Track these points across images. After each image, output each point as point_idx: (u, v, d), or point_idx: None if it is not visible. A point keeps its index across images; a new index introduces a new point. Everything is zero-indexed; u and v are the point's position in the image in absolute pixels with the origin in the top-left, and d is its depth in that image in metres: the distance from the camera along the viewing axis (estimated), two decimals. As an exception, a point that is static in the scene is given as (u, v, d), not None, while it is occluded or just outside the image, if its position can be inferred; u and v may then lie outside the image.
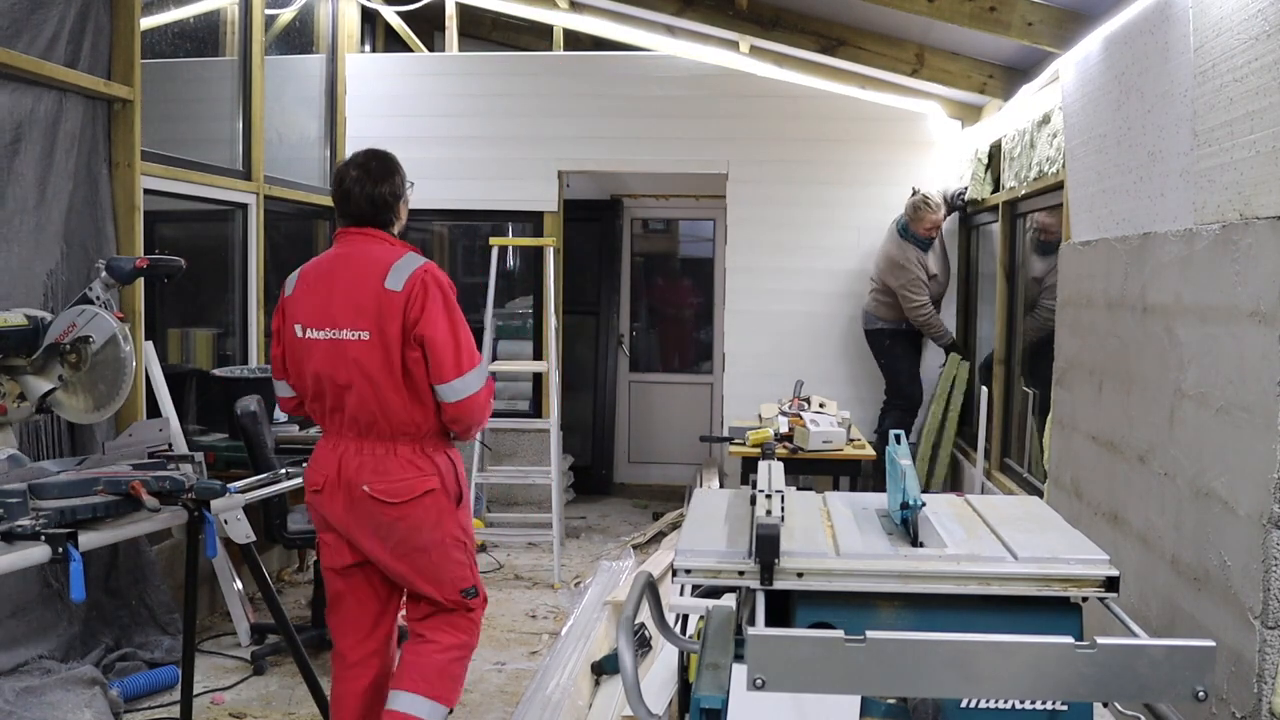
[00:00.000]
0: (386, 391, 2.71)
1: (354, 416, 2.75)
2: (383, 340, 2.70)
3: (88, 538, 2.51)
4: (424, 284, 2.71)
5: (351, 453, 2.76)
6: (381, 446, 2.75)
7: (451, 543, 2.81)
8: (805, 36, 5.12)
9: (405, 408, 2.73)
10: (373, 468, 2.73)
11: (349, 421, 2.76)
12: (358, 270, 2.76)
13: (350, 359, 2.71)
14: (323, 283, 2.80)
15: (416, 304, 2.69)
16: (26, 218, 3.72)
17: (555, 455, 5.66)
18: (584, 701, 3.62)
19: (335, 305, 2.74)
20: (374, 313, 2.70)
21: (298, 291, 2.83)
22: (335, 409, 2.78)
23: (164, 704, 3.75)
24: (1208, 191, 2.41)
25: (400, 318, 2.68)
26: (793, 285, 6.32)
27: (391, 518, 2.73)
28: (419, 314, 2.68)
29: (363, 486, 2.72)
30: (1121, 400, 2.94)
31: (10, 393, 3.13)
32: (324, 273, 2.82)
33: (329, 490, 2.77)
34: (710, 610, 1.87)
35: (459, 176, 6.50)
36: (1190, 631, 2.39)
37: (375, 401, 2.72)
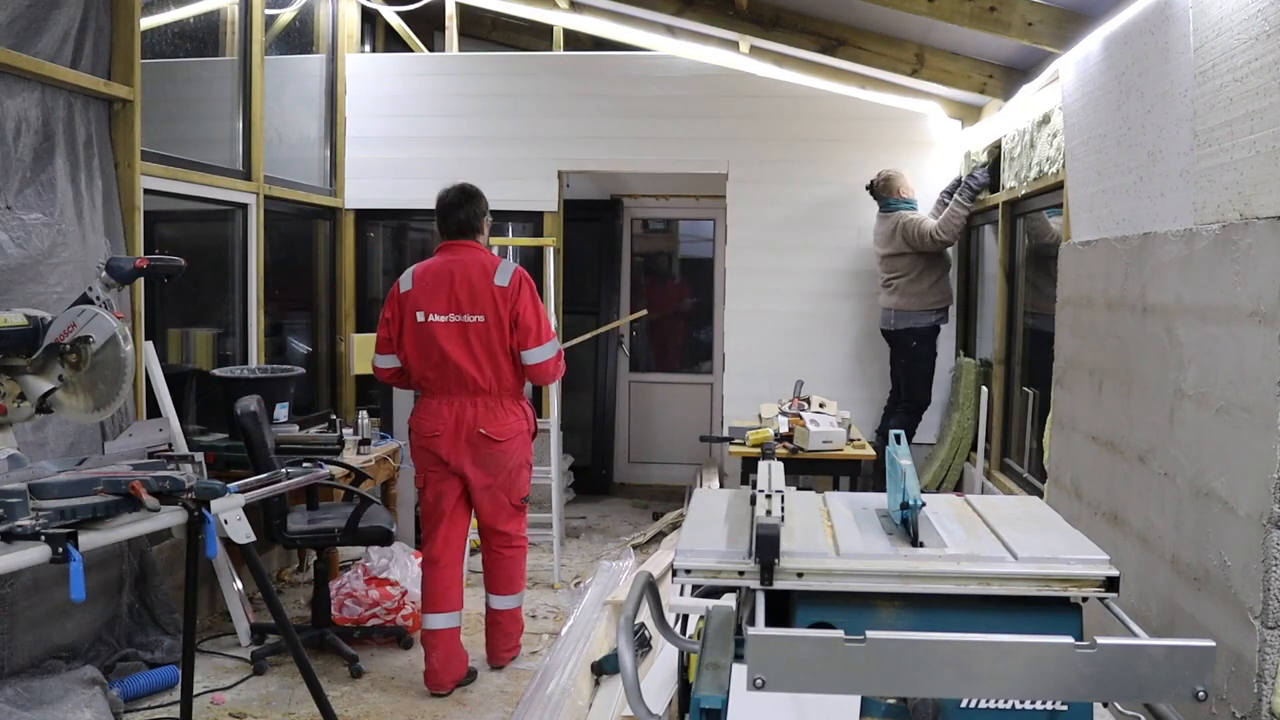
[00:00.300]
0: (499, 360, 3.83)
1: (472, 379, 3.81)
2: (496, 321, 3.80)
3: (88, 538, 2.51)
4: (522, 280, 3.85)
5: (468, 406, 3.84)
6: (491, 400, 3.85)
7: (524, 464, 4.00)
8: (805, 36, 5.12)
9: (509, 372, 3.86)
10: (485, 416, 3.84)
11: (467, 383, 3.82)
12: (471, 270, 3.83)
13: (470, 336, 3.79)
14: (441, 280, 3.83)
15: (514, 295, 3.80)
16: (70, 216, 3.79)
17: (555, 455, 5.66)
18: (584, 701, 3.62)
19: (456, 296, 3.79)
20: (488, 302, 3.79)
21: (416, 288, 3.85)
22: (456, 374, 3.81)
23: (164, 704, 3.75)
24: (1208, 191, 2.41)
25: (508, 305, 3.79)
26: (793, 285, 6.32)
27: (494, 450, 3.87)
28: (516, 302, 3.79)
29: (479, 429, 3.83)
30: (1121, 400, 2.94)
31: (10, 393, 3.13)
32: (440, 272, 3.85)
33: (447, 434, 3.84)
34: (710, 610, 1.87)
35: (459, 176, 6.43)
36: (1190, 631, 2.39)
37: (490, 367, 3.82)
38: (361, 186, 6.62)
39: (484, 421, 3.83)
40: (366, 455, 5.09)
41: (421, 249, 7.38)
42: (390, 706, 3.84)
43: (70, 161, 3.91)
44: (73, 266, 3.83)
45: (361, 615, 4.47)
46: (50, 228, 3.76)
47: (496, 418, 3.85)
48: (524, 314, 3.81)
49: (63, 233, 3.82)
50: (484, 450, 3.85)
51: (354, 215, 6.70)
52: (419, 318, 3.81)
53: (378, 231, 6.97)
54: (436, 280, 3.83)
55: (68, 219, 3.86)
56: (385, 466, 5.25)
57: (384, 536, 4.31)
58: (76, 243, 3.89)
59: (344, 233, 6.66)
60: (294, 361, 6.04)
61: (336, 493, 4.70)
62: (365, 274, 6.88)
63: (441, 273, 3.84)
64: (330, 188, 6.57)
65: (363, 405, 6.39)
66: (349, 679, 4.07)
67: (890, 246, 5.69)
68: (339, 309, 6.67)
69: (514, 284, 3.81)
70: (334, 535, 4.23)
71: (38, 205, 3.73)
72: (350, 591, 4.54)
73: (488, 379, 3.82)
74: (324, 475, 3.68)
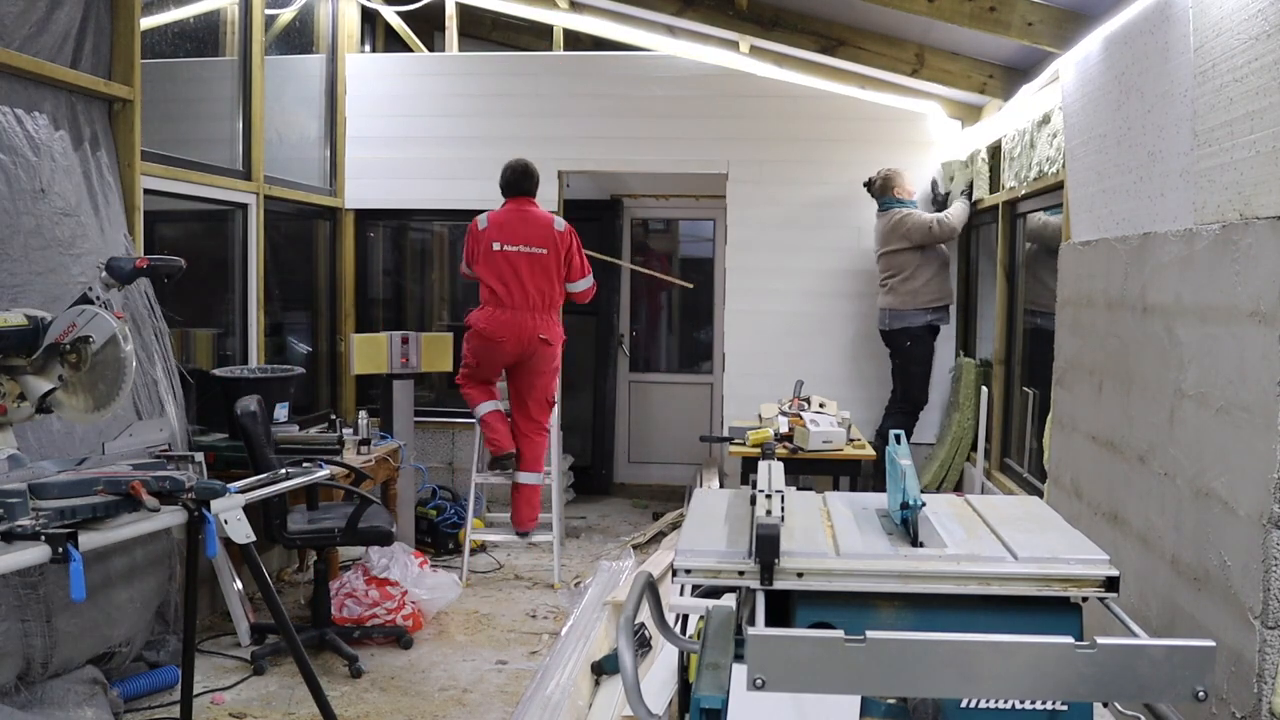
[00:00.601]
0: (553, 283, 5.18)
1: (533, 298, 5.12)
2: (555, 256, 5.16)
3: (88, 538, 2.51)
4: (572, 232, 5.27)
5: (528, 318, 5.12)
6: (547, 315, 5.19)
7: (558, 369, 5.41)
8: (805, 36, 5.12)
9: (558, 293, 5.23)
10: (543, 325, 5.15)
11: (530, 300, 5.11)
12: (536, 218, 5.22)
13: (535, 264, 5.13)
14: (511, 221, 5.17)
15: (569, 240, 5.21)
16: (88, 209, 3.79)
17: (555, 455, 5.66)
18: (584, 701, 3.62)
19: (527, 235, 5.13)
20: (549, 241, 5.15)
21: (490, 227, 5.16)
22: (521, 291, 5.11)
23: (164, 704, 3.75)
24: (1208, 191, 2.41)
25: (563, 247, 5.18)
26: (793, 285, 6.32)
27: (545, 351, 5.18)
28: (570, 247, 5.20)
29: (539, 335, 5.14)
30: (1121, 400, 2.94)
31: (10, 393, 3.12)
32: (511, 217, 5.19)
33: (511, 341, 5.11)
34: (710, 610, 1.87)
35: (459, 176, 6.51)
36: (1190, 631, 2.39)
37: (548, 289, 5.16)
38: (361, 186, 6.62)
39: (542, 329, 5.15)
40: (366, 455, 5.09)
41: (422, 249, 7.39)
42: (390, 706, 3.84)
43: (80, 158, 3.92)
44: (93, 258, 3.84)
45: (361, 615, 4.47)
46: (70, 218, 3.77)
47: (550, 326, 5.19)
48: (574, 257, 5.24)
49: (81, 224, 3.83)
50: (539, 351, 5.16)
51: (354, 215, 6.70)
52: (495, 247, 5.10)
53: (378, 231, 6.97)
54: (508, 222, 5.17)
55: (85, 212, 3.87)
56: (385, 466, 5.25)
57: (384, 536, 4.31)
58: (96, 235, 3.90)
59: (344, 233, 6.66)
60: (294, 361, 6.04)
61: (336, 493, 4.70)
62: (365, 274, 6.88)
63: (512, 218, 5.18)
64: (330, 188, 6.57)
65: (363, 405, 6.40)
66: (349, 679, 4.07)
67: (888, 244, 5.70)
68: (339, 309, 6.67)
69: (567, 233, 5.23)
70: (334, 535, 4.23)
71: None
72: (350, 591, 4.54)
73: (546, 297, 5.15)
74: (324, 475, 3.68)
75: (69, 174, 3.83)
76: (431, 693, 3.97)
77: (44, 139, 3.71)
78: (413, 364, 5.85)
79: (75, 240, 3.79)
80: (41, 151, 3.68)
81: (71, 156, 3.88)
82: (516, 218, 5.17)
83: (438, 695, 3.95)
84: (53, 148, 3.75)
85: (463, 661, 4.29)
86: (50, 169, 3.72)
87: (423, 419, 6.39)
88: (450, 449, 6.68)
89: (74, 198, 3.83)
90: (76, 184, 3.87)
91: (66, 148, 3.85)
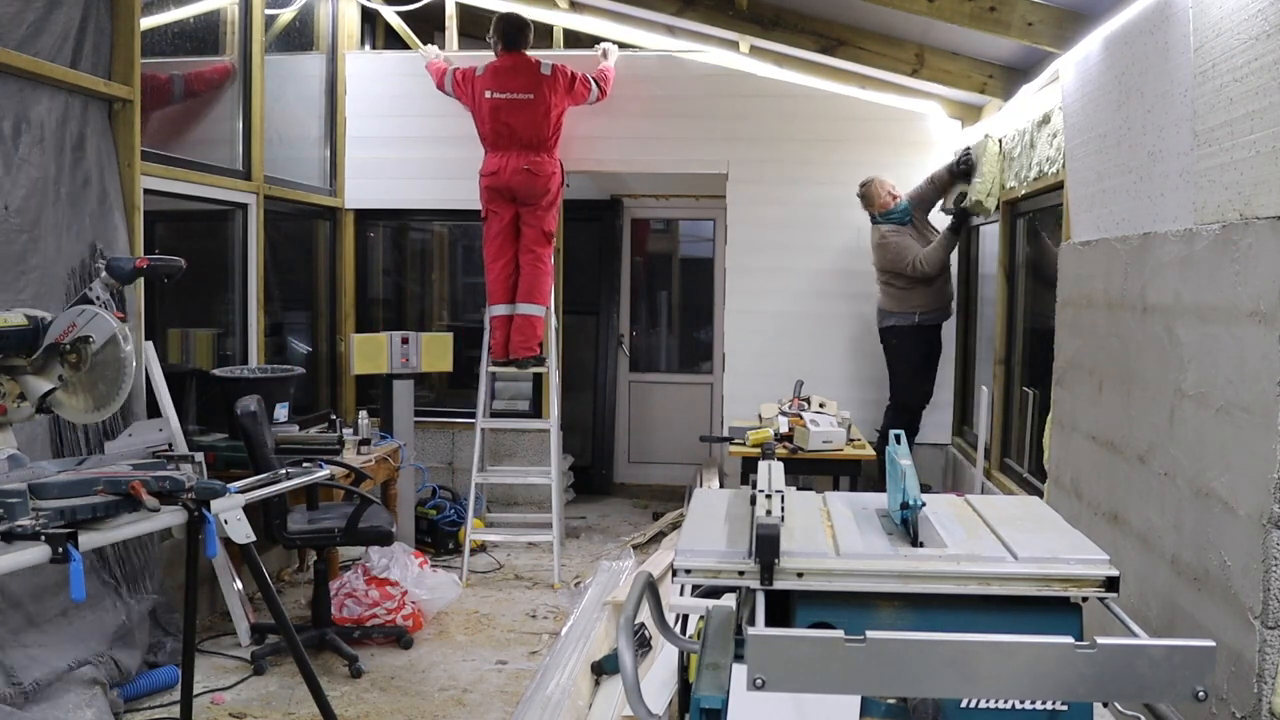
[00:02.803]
0: (541, 125, 5.63)
1: (521, 138, 5.62)
2: (542, 98, 5.62)
3: (88, 538, 2.51)
4: (562, 68, 5.73)
5: (515, 156, 5.61)
6: (534, 153, 5.64)
7: (554, 203, 5.78)
8: (805, 36, 5.12)
9: (546, 133, 5.66)
10: (527, 159, 5.61)
11: (518, 139, 5.61)
12: (525, 65, 5.69)
13: (522, 108, 5.62)
14: (503, 70, 5.68)
15: (561, 74, 5.72)
16: (45, 218, 3.75)
17: (555, 455, 5.66)
18: (584, 701, 3.62)
19: (514, 82, 5.64)
20: (535, 86, 5.63)
21: (485, 75, 5.69)
22: (508, 135, 5.62)
23: (164, 704, 3.75)
24: (1208, 191, 2.41)
25: (550, 85, 5.65)
26: (793, 285, 6.32)
27: (533, 183, 5.62)
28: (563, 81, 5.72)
29: (523, 167, 5.59)
30: (1121, 400, 2.94)
31: (10, 393, 3.12)
32: (504, 66, 5.70)
33: (502, 174, 5.62)
34: (710, 610, 1.87)
35: (459, 176, 6.50)
36: (1190, 631, 2.39)
37: (533, 129, 5.62)
38: (361, 186, 6.62)
39: (525, 162, 5.59)
40: (366, 455, 5.09)
41: (422, 249, 7.38)
42: (390, 706, 3.84)
43: (59, 163, 3.88)
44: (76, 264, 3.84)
45: (361, 615, 4.47)
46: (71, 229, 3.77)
47: (534, 161, 5.62)
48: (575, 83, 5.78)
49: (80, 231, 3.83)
50: (529, 184, 5.60)
51: (354, 215, 6.69)
52: (486, 95, 5.62)
53: (378, 231, 6.97)
54: (501, 70, 5.68)
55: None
56: (385, 466, 5.25)
57: (384, 536, 4.31)
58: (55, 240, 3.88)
59: (344, 233, 6.66)
60: (294, 361, 6.04)
61: (336, 493, 4.70)
62: (365, 274, 6.87)
63: (504, 67, 5.69)
64: (330, 188, 6.57)
65: (363, 405, 6.39)
66: (349, 679, 4.07)
67: (876, 258, 5.74)
68: (339, 309, 6.67)
69: (555, 71, 5.69)
70: (334, 535, 4.23)
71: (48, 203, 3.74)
72: (350, 591, 4.54)
73: (533, 136, 5.60)
74: (324, 475, 3.68)
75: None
76: (431, 693, 3.97)
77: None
78: (413, 364, 5.85)
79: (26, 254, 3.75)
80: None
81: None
82: (509, 66, 5.68)
83: (438, 695, 3.95)
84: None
85: (463, 661, 4.29)
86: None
87: (423, 419, 6.39)
88: (450, 449, 6.68)
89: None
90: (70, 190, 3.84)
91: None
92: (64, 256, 3.86)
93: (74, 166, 3.94)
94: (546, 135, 5.66)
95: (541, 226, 5.72)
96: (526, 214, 5.70)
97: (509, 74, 5.64)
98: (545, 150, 5.67)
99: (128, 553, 4.01)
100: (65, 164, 3.89)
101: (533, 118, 5.60)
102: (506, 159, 5.61)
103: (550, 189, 5.69)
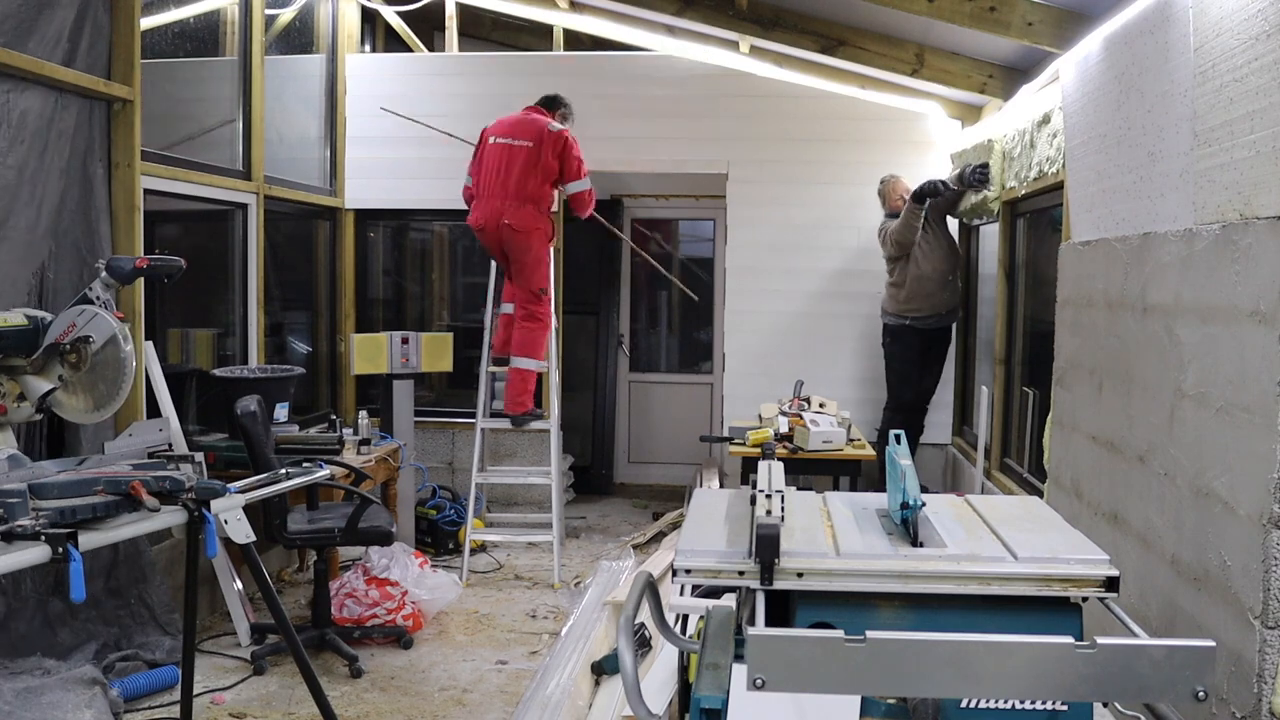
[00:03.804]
0: (532, 175, 5.29)
1: (508, 187, 5.30)
2: (538, 150, 5.30)
3: (88, 538, 2.51)
4: (566, 135, 5.37)
5: (497, 204, 5.31)
6: (519, 203, 5.31)
7: (542, 260, 5.43)
8: (805, 36, 5.12)
9: (535, 185, 5.32)
10: (510, 211, 5.30)
11: (505, 188, 5.30)
12: (534, 119, 5.41)
13: (516, 154, 5.32)
14: (511, 120, 5.45)
15: (563, 143, 5.34)
16: (16, 217, 3.71)
17: (555, 455, 5.66)
18: (584, 701, 3.62)
19: (518, 130, 5.38)
20: (536, 136, 5.33)
21: (494, 124, 5.47)
22: (495, 181, 5.33)
23: (164, 704, 3.75)
24: (1208, 191, 2.41)
25: (548, 142, 5.31)
26: (793, 285, 6.32)
27: (516, 239, 5.34)
28: (560, 145, 5.32)
29: (504, 220, 5.30)
30: (1121, 400, 2.94)
31: (10, 393, 3.13)
32: (515, 118, 5.45)
33: (484, 225, 5.37)
34: (710, 610, 1.87)
35: (459, 176, 6.49)
36: (1190, 631, 2.39)
37: (523, 179, 5.29)
38: (361, 186, 6.62)
39: (508, 215, 5.30)
40: (366, 455, 5.09)
41: (422, 249, 7.38)
42: (390, 706, 3.84)
43: (33, 162, 3.82)
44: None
45: (361, 615, 4.47)
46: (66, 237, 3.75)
47: (517, 213, 5.30)
48: (569, 159, 5.36)
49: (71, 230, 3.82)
50: (511, 239, 5.34)
51: (354, 215, 6.70)
52: (490, 140, 5.43)
53: (378, 231, 6.97)
54: (508, 121, 5.47)
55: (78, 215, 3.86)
56: (385, 466, 5.25)
57: (384, 536, 4.31)
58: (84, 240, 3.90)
59: (344, 233, 6.66)
60: (294, 361, 6.04)
61: (336, 493, 4.70)
62: (365, 274, 6.87)
63: (515, 118, 5.48)
64: (330, 188, 6.57)
65: (363, 405, 6.39)
66: (349, 679, 4.07)
67: (884, 249, 5.78)
68: (339, 309, 6.67)
69: (560, 134, 5.35)
70: (334, 535, 4.23)
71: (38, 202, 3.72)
72: (350, 591, 4.54)
73: (521, 187, 5.30)
74: (324, 475, 3.68)
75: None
76: (431, 693, 3.97)
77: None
78: (413, 364, 5.85)
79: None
80: None
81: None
82: (521, 119, 5.46)
83: (438, 695, 3.95)
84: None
85: (463, 661, 4.29)
86: None
87: (423, 419, 6.39)
88: (450, 449, 6.68)
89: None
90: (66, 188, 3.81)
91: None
92: (32, 256, 3.82)
93: (54, 165, 3.89)
94: (533, 187, 5.31)
95: (529, 286, 5.42)
96: (513, 269, 5.47)
97: (519, 124, 5.41)
98: (531, 203, 5.32)
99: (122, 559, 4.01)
100: (46, 162, 3.85)
101: (524, 165, 5.29)
102: (489, 207, 5.33)
103: (531, 246, 5.35)
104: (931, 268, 5.58)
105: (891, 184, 5.79)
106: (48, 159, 3.85)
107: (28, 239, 3.76)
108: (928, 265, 5.57)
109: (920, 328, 5.67)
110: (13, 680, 3.40)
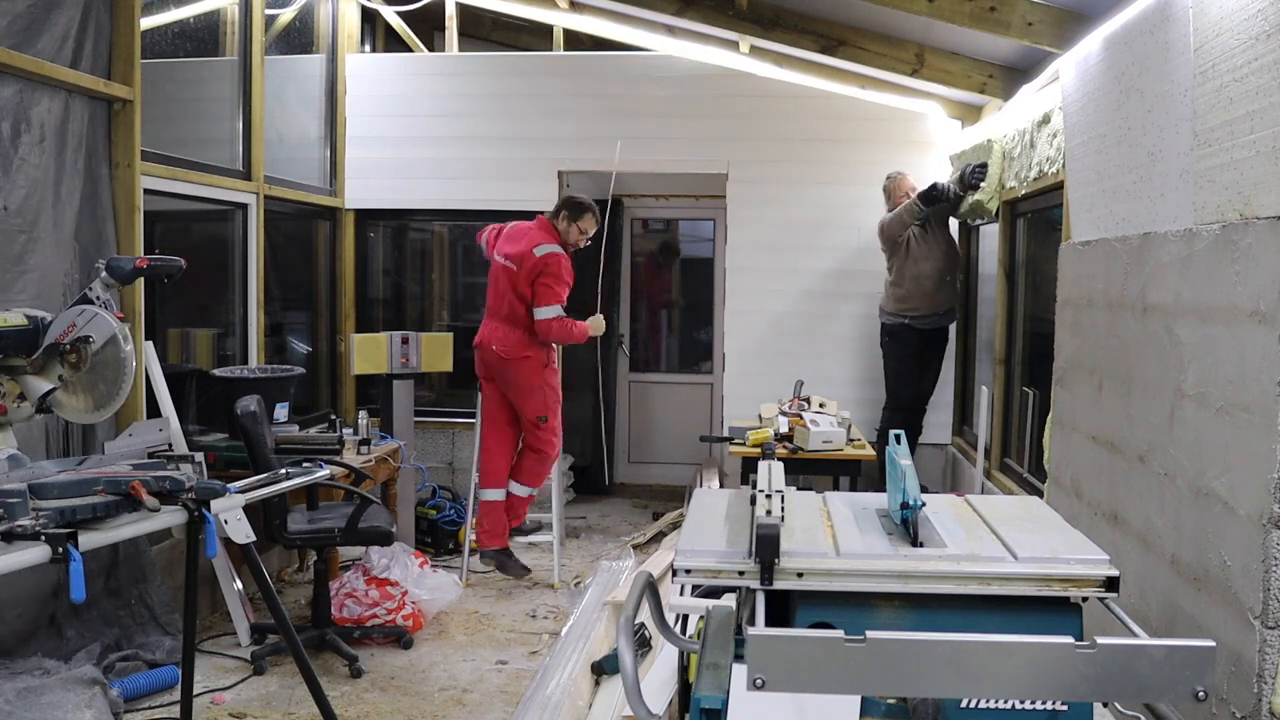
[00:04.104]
0: (514, 299, 5.08)
1: (501, 309, 5.13)
2: (522, 273, 5.05)
3: (88, 538, 2.51)
4: (548, 260, 5.04)
5: (492, 327, 5.17)
6: (509, 328, 5.11)
7: (536, 387, 5.15)
8: (805, 36, 5.12)
9: (523, 311, 5.07)
10: (499, 336, 5.12)
11: (498, 310, 5.13)
12: (527, 235, 5.16)
13: (506, 276, 5.11)
14: (511, 234, 5.24)
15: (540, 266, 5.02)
16: (46, 218, 3.75)
17: (555, 455, 5.65)
18: (584, 701, 3.62)
19: (511, 247, 5.15)
20: (522, 259, 5.05)
21: (500, 235, 5.28)
22: (494, 301, 5.20)
23: (164, 704, 3.75)
24: (1208, 191, 2.41)
25: (526, 266, 5.04)
26: (793, 285, 6.32)
27: (504, 366, 5.12)
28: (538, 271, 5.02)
29: (491, 345, 5.12)
30: (1121, 400, 2.94)
31: (10, 393, 3.12)
32: (514, 230, 5.25)
33: (481, 346, 5.17)
34: (710, 610, 1.87)
35: (459, 176, 6.51)
36: (1190, 631, 2.39)
37: (512, 303, 5.08)
38: (361, 186, 6.62)
39: (495, 340, 5.12)
40: (366, 455, 5.09)
41: (422, 249, 7.38)
42: (390, 706, 3.84)
43: (57, 163, 3.88)
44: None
45: (361, 615, 4.47)
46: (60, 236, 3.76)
47: (505, 340, 5.10)
48: (541, 285, 5.04)
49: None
50: (500, 365, 5.14)
51: (354, 215, 6.70)
52: (495, 257, 5.25)
53: (378, 231, 6.97)
54: (508, 234, 5.28)
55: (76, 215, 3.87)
56: (385, 466, 5.25)
57: (384, 536, 4.31)
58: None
59: (344, 233, 6.66)
60: (294, 361, 6.04)
61: (336, 493, 4.70)
62: (365, 274, 6.87)
63: (514, 231, 5.27)
64: (330, 188, 6.57)
65: (363, 405, 6.39)
66: (349, 679, 4.07)
67: (883, 247, 5.78)
68: (339, 309, 6.67)
69: (541, 259, 5.04)
70: (334, 535, 4.23)
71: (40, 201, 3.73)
72: (350, 591, 4.53)
73: (510, 310, 5.11)
74: (324, 475, 3.68)
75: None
76: (431, 693, 3.97)
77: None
78: (413, 364, 5.85)
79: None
80: None
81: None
82: (518, 232, 5.24)
83: (438, 695, 3.95)
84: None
85: (463, 661, 4.29)
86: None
87: (423, 419, 6.39)
88: (450, 449, 6.68)
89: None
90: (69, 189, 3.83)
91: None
92: (62, 257, 3.86)
93: (73, 166, 3.93)
94: (522, 312, 5.07)
95: (528, 414, 5.19)
96: (510, 396, 5.21)
97: (514, 238, 5.19)
98: (522, 327, 5.08)
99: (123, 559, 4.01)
100: (65, 164, 3.89)
101: (511, 289, 5.08)
102: (486, 328, 5.19)
103: (522, 373, 5.11)
104: (930, 267, 5.58)
105: (898, 180, 5.79)
106: (66, 160, 3.88)
107: (55, 239, 3.80)
108: (926, 264, 5.58)
109: (918, 327, 5.67)
110: (13, 680, 3.40)
